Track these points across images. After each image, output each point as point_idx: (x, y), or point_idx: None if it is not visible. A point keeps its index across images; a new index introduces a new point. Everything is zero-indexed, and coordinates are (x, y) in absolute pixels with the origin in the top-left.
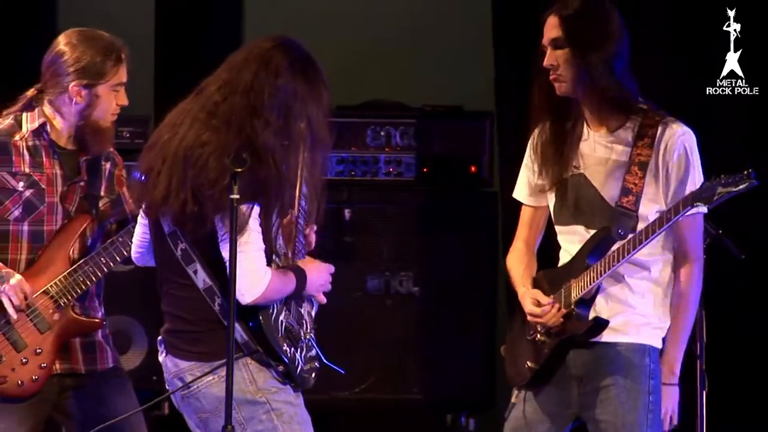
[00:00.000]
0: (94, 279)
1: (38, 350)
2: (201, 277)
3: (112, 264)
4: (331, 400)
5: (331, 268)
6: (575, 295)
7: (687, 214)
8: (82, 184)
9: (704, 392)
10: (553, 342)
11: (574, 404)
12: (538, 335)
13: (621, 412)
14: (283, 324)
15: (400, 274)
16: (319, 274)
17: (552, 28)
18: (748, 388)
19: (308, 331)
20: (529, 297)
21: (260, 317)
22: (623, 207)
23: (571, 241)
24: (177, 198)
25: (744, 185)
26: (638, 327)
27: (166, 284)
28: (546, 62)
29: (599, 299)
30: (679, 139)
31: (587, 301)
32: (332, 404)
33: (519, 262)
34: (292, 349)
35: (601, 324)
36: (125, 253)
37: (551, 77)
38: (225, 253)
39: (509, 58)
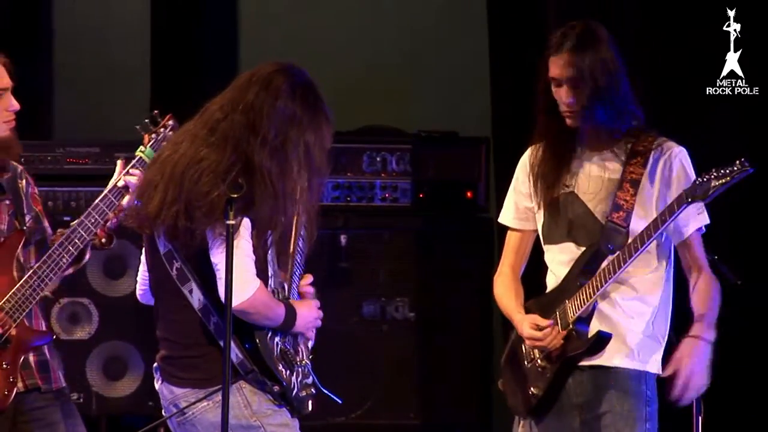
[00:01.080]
0: (40, 292)
1: (5, 365)
2: (196, 296)
3: (53, 276)
4: (328, 425)
5: (318, 303)
6: (572, 314)
7: (693, 229)
8: (8, 202)
9: (700, 418)
10: (555, 365)
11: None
12: (539, 360)
13: None
14: (279, 346)
15: (396, 299)
16: (309, 312)
17: (564, 66)
18: (744, 413)
19: (304, 358)
20: (527, 322)
21: (256, 339)
22: (614, 222)
23: (561, 260)
24: (169, 210)
25: (739, 174)
26: (635, 350)
27: (162, 309)
28: (565, 100)
29: (594, 322)
30: (677, 156)
31: (585, 319)
32: (329, 430)
33: (508, 289)
34: (288, 371)
35: (605, 338)
36: (63, 264)
37: (566, 113)
38: (214, 258)
39: (505, 84)
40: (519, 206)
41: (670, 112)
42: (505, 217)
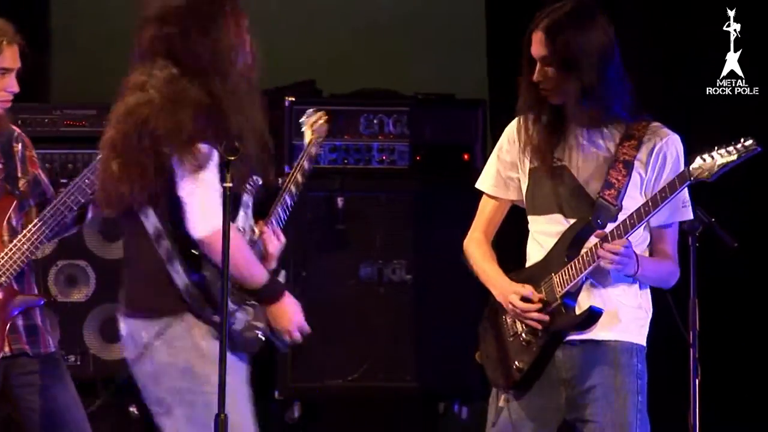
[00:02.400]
0: (29, 256)
1: None
2: (151, 221)
3: (45, 240)
4: (324, 387)
5: (302, 322)
6: (560, 288)
7: (674, 219)
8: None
9: (697, 381)
10: (542, 339)
11: (561, 408)
12: (523, 334)
13: (610, 413)
14: (229, 282)
15: (393, 262)
16: (292, 313)
17: (538, 44)
18: (741, 377)
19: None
20: (514, 292)
21: (206, 270)
22: (605, 199)
23: (548, 231)
24: (128, 172)
25: (746, 154)
26: (625, 323)
27: (124, 243)
28: (536, 77)
29: (583, 295)
30: (673, 145)
31: (573, 294)
32: (325, 392)
33: (485, 254)
34: (235, 306)
35: (596, 313)
36: (56, 228)
37: (541, 90)
38: (181, 191)
39: (502, 46)
40: (501, 174)
41: (670, 112)
42: (484, 183)
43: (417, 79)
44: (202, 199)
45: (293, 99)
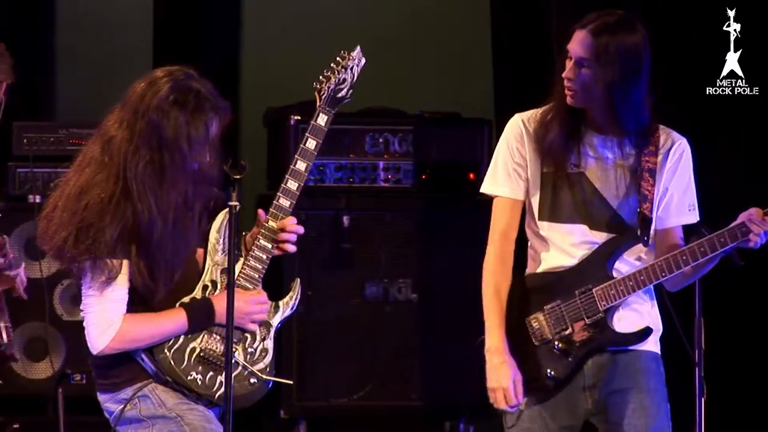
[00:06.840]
0: None
1: None
2: None
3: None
4: (330, 406)
5: (257, 298)
6: (604, 303)
7: (681, 222)
8: None
9: (703, 399)
10: (582, 350)
11: (582, 415)
12: (557, 343)
13: (647, 416)
14: (196, 351)
15: (399, 281)
16: (236, 306)
17: (578, 43)
18: (747, 395)
19: (246, 347)
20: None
21: (163, 351)
22: (645, 213)
23: (571, 241)
24: (59, 233)
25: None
26: (654, 334)
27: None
28: (565, 74)
29: (621, 311)
30: (686, 148)
31: (611, 310)
32: (331, 411)
33: (496, 293)
34: (210, 373)
35: (648, 332)
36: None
37: (566, 87)
38: (84, 299)
39: (508, 65)
40: (519, 175)
41: (670, 112)
42: (498, 187)
43: (422, 98)
44: (93, 314)
45: (298, 118)
